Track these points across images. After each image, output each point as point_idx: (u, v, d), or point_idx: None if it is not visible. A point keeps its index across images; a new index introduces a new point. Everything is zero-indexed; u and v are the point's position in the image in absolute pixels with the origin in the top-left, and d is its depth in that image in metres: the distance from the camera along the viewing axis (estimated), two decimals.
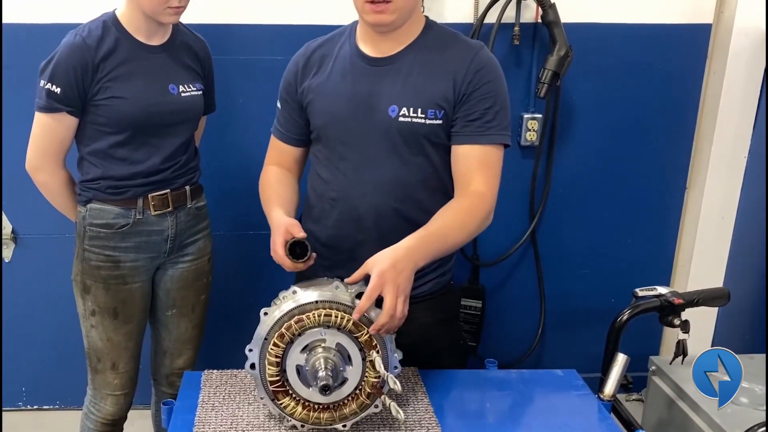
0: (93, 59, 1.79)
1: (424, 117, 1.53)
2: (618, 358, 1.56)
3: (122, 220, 1.92)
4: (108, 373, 2.03)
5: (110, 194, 1.91)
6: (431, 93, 1.53)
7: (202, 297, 2.14)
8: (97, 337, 2.00)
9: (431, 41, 1.58)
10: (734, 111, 2.50)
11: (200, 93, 1.98)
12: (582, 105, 2.53)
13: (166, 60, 1.90)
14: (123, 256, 1.94)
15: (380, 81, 1.56)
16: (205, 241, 2.10)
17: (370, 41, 1.59)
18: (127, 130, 1.86)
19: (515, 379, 1.67)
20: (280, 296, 1.41)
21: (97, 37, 1.80)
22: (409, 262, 1.36)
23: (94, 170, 1.90)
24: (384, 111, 1.55)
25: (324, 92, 1.62)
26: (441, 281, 1.69)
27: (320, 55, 1.65)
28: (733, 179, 2.58)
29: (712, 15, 2.47)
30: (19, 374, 2.68)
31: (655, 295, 1.75)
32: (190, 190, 2.00)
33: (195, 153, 2.06)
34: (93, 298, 1.97)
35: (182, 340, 2.14)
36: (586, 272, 2.74)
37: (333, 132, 1.62)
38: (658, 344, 2.84)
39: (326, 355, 1.34)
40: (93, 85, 1.81)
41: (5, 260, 2.54)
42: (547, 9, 2.31)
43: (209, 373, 1.61)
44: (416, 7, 1.56)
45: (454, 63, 1.54)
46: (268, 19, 2.38)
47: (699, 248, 2.65)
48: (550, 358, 2.84)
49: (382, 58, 1.58)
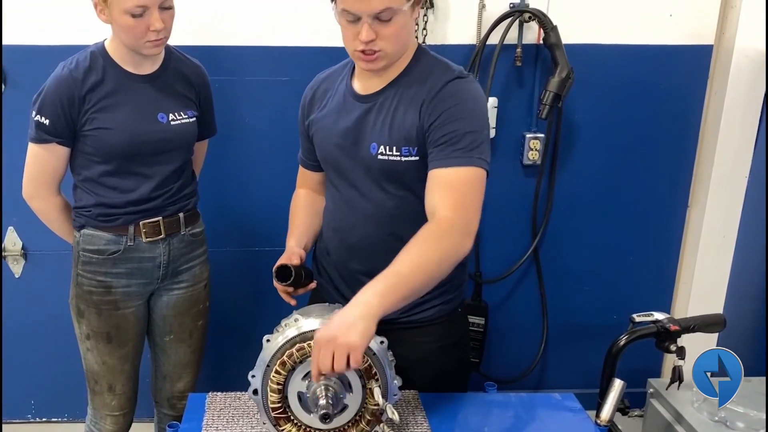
0: (79, 91, 1.80)
1: (399, 155, 1.53)
2: (615, 384, 1.58)
3: (114, 247, 1.93)
4: (105, 394, 2.05)
5: (101, 221, 1.92)
6: (403, 130, 1.53)
7: (200, 323, 2.14)
8: (93, 360, 2.02)
9: (415, 74, 1.56)
10: (735, 131, 2.52)
11: (193, 120, 1.96)
12: (584, 125, 2.55)
13: (156, 89, 1.89)
14: (115, 282, 1.95)
15: (365, 118, 1.58)
16: (201, 268, 2.09)
17: (361, 77, 1.61)
18: (114, 159, 1.86)
19: (514, 403, 1.69)
20: (283, 323, 1.44)
21: (84, 68, 1.82)
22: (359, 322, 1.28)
23: (87, 197, 1.92)
24: (367, 148, 1.57)
25: (322, 127, 1.66)
26: (445, 308, 1.69)
27: (324, 89, 1.69)
28: (735, 198, 2.60)
29: (713, 36, 2.49)
30: (27, 387, 2.72)
31: (651, 320, 1.77)
32: (183, 217, 2.00)
33: (191, 179, 2.05)
34: (87, 322, 1.98)
35: (181, 365, 2.14)
36: (589, 289, 2.76)
37: (330, 165, 1.67)
38: (660, 359, 2.85)
39: (327, 382, 1.37)
40: (81, 116, 1.82)
41: (15, 276, 2.58)
42: (548, 31, 2.33)
43: (213, 396, 1.64)
44: (406, 48, 1.55)
45: (422, 95, 1.52)
46: (272, 41, 2.41)
47: (700, 266, 2.66)
48: (552, 374, 2.86)
49: (368, 95, 1.59)
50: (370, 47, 1.47)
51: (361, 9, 1.43)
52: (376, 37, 1.45)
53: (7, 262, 2.55)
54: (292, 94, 2.31)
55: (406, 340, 1.59)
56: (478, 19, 2.39)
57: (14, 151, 2.39)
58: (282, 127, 2.42)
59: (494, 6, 2.38)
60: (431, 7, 2.36)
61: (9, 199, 2.45)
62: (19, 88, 2.36)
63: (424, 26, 2.37)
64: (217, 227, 2.47)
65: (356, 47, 1.49)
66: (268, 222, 2.53)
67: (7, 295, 2.56)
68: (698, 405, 1.99)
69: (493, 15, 2.38)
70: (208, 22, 2.37)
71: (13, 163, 2.40)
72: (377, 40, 1.46)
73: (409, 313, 1.63)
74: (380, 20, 1.44)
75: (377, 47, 1.47)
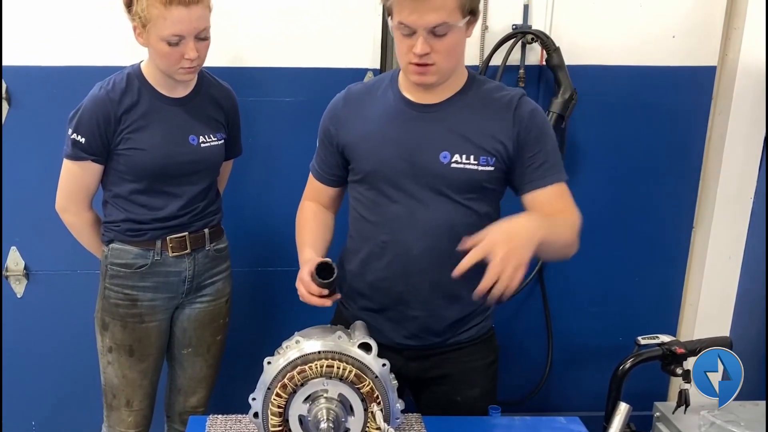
0: (116, 112, 1.86)
1: (477, 164, 1.57)
2: (620, 407, 1.55)
3: (141, 261, 1.98)
4: (123, 410, 2.07)
5: (130, 236, 1.97)
6: (482, 140, 1.57)
7: (218, 338, 2.17)
8: (113, 374, 2.05)
9: (475, 92, 1.62)
10: (740, 151, 2.51)
11: (221, 142, 2.02)
12: (587, 145, 2.55)
13: (188, 112, 1.95)
14: (141, 295, 1.99)
15: (429, 127, 1.59)
16: (224, 283, 2.14)
17: (415, 90, 1.62)
18: (145, 178, 1.92)
19: (518, 426, 1.67)
20: (284, 345, 1.43)
21: (120, 90, 1.87)
22: (529, 233, 1.39)
23: (117, 213, 1.97)
24: (435, 156, 1.58)
25: (370, 137, 1.63)
26: (486, 324, 1.74)
27: (361, 100, 1.68)
28: (740, 219, 2.58)
29: (716, 57, 2.49)
30: (28, 407, 2.70)
31: (657, 343, 1.75)
32: (209, 233, 2.05)
33: (216, 197, 2.10)
34: (111, 335, 2.02)
35: (196, 379, 2.18)
36: (594, 311, 2.73)
37: (382, 176, 1.63)
38: (667, 382, 2.82)
39: (328, 405, 1.36)
40: (115, 136, 1.88)
41: (17, 296, 2.58)
42: (551, 53, 2.34)
43: (214, 419, 1.63)
44: (458, 66, 1.60)
45: (501, 110, 1.58)
46: (292, 62, 2.41)
47: (706, 288, 2.64)
48: (558, 395, 2.83)
49: (430, 105, 1.61)
50: (424, 60, 1.50)
51: (418, 23, 1.46)
52: (431, 50, 1.48)
53: (9, 282, 2.54)
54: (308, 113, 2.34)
55: (450, 360, 1.68)
56: (480, 41, 2.40)
57: (19, 170, 2.41)
58: (297, 147, 2.40)
59: (497, 27, 2.39)
60: None
61: (12, 218, 2.45)
62: (23, 109, 2.37)
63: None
64: None
65: (410, 60, 1.51)
66: (279, 242, 2.51)
67: (9, 315, 2.55)
68: (705, 429, 1.96)
69: (495, 36, 2.38)
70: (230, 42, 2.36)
71: (18, 182, 2.42)
72: (431, 54, 1.49)
73: (453, 333, 1.69)
74: (435, 35, 1.47)
75: (431, 61, 1.50)
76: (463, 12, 1.48)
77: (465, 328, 1.70)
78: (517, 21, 2.38)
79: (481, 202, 1.62)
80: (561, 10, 2.38)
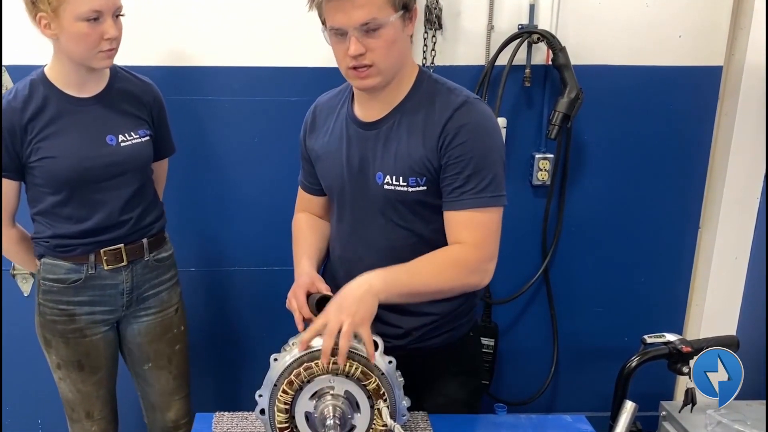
0: (20, 122, 1.74)
1: (406, 185, 1.52)
2: (626, 406, 1.55)
3: (74, 275, 1.88)
4: (84, 421, 2.02)
5: (60, 252, 1.87)
6: (411, 160, 1.50)
7: (177, 347, 2.08)
8: (66, 389, 1.99)
9: (417, 101, 1.54)
10: (746, 151, 2.50)
11: (146, 139, 1.89)
12: (593, 145, 2.55)
13: (102, 110, 1.81)
14: (78, 309, 1.90)
15: (369, 146, 1.56)
16: (169, 293, 2.03)
17: (362, 102, 1.58)
18: (64, 188, 1.80)
19: (525, 425, 1.67)
20: (290, 342, 1.44)
21: (23, 97, 1.75)
22: (360, 292, 1.39)
23: (43, 229, 1.88)
24: (372, 178, 1.55)
25: (326, 154, 1.64)
26: (455, 334, 1.69)
27: (325, 114, 1.67)
28: (746, 219, 2.57)
29: (723, 57, 2.49)
30: (35, 405, 2.70)
31: (663, 342, 1.75)
32: (147, 243, 1.94)
33: (153, 202, 1.98)
34: (55, 351, 1.93)
35: (167, 393, 2.10)
36: (599, 311, 2.73)
37: (333, 193, 1.66)
38: (673, 381, 2.82)
39: (335, 402, 1.36)
40: (24, 148, 1.76)
41: (24, 294, 2.59)
42: (557, 52, 2.34)
43: (221, 416, 1.63)
44: (402, 64, 1.52)
45: (429, 124, 1.50)
46: (249, 62, 2.38)
47: (713, 288, 2.64)
48: (563, 396, 2.83)
49: (371, 123, 1.56)
50: (360, 61, 1.44)
51: (346, 23, 1.41)
52: (366, 50, 1.43)
53: (16, 281, 2.55)
54: (269, 113, 2.34)
55: (415, 366, 1.58)
56: (486, 41, 2.40)
57: None
58: (261, 147, 2.41)
59: (503, 27, 2.39)
60: (440, 28, 2.37)
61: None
62: None
63: (432, 47, 2.38)
64: (225, 248, 2.49)
65: (348, 64, 1.46)
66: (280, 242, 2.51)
67: (16, 314, 2.56)
68: (711, 428, 1.96)
69: (501, 36, 2.38)
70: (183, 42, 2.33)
71: None
72: (367, 54, 1.43)
73: (417, 341, 1.64)
74: (367, 33, 1.42)
75: (367, 61, 1.44)
76: (394, 6, 1.42)
77: (428, 337, 1.65)
78: (523, 21, 2.38)
79: (423, 222, 1.56)
80: (567, 9, 2.38)
